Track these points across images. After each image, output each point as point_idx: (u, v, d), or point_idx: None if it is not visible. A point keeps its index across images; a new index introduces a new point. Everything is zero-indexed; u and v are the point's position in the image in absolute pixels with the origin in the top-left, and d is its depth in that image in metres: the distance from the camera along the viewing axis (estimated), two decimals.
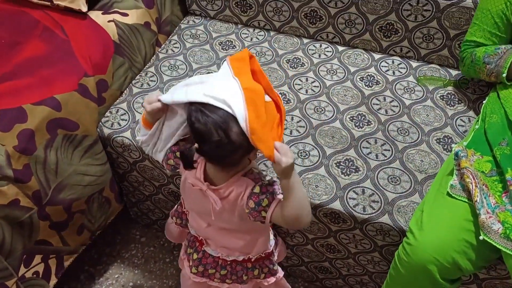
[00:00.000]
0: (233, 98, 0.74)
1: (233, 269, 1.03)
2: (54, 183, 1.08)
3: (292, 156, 0.76)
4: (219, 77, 0.79)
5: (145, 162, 1.21)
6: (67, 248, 1.20)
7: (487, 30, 1.11)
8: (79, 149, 1.14)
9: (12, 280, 1.05)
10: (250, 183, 0.85)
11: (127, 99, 1.28)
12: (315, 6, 1.37)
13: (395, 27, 1.32)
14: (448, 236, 0.88)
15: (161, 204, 1.37)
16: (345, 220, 1.06)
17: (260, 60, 1.39)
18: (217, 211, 0.88)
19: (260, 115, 0.74)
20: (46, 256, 1.14)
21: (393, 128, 1.19)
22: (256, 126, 0.73)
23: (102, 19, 1.29)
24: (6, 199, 0.97)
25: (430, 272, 0.88)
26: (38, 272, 1.13)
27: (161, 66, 1.38)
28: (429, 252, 0.87)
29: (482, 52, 1.10)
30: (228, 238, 0.97)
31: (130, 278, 1.44)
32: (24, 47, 1.17)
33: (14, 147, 0.99)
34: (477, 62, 1.11)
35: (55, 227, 1.13)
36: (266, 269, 1.05)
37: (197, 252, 1.03)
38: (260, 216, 0.84)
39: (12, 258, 1.04)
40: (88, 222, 1.24)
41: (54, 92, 1.09)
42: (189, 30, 1.50)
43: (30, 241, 1.08)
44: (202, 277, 1.05)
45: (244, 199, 0.84)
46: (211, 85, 0.77)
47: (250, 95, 0.74)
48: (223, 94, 0.75)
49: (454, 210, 0.91)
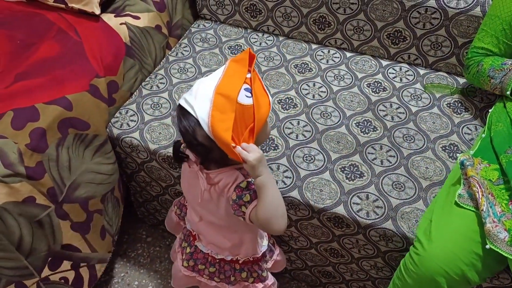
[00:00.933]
0: (202, 103, 0.78)
1: (221, 268, 1.04)
2: (69, 180, 1.10)
3: (259, 151, 0.80)
4: (206, 81, 0.82)
5: (153, 162, 1.23)
6: (96, 255, 1.21)
7: (495, 36, 1.10)
8: (90, 148, 1.16)
9: (32, 280, 1.06)
10: (240, 177, 0.87)
11: (137, 101, 1.30)
12: (324, 12, 1.39)
13: (403, 34, 1.33)
14: (457, 247, 0.87)
15: (168, 204, 1.39)
16: (348, 225, 1.07)
17: (268, 65, 1.41)
18: (204, 197, 0.90)
19: (225, 120, 0.77)
20: (76, 264, 1.15)
21: (398, 134, 1.20)
22: (218, 131, 0.76)
23: (114, 22, 1.32)
24: (21, 196, 0.99)
25: (439, 283, 0.87)
26: (67, 278, 1.14)
27: (171, 68, 1.40)
28: (438, 264, 0.87)
29: (488, 65, 1.10)
30: (216, 235, 0.99)
31: (136, 277, 1.46)
32: (38, 48, 1.20)
33: (26, 145, 1.02)
34: (482, 74, 1.11)
35: (77, 228, 1.14)
36: (255, 273, 1.06)
37: (190, 247, 1.06)
38: (240, 211, 0.86)
39: (34, 258, 1.05)
40: (107, 225, 1.25)
41: (66, 92, 1.12)
42: (199, 34, 1.53)
43: (55, 243, 1.09)
44: (192, 272, 1.08)
45: (231, 190, 0.86)
46: (194, 88, 0.82)
47: (219, 100, 0.77)
48: (194, 99, 0.79)
49: (462, 220, 0.90)
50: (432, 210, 0.97)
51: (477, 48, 1.15)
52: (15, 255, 1.01)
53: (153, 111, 1.27)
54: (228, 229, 0.98)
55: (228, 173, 0.88)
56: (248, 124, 0.81)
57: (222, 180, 0.87)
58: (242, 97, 0.79)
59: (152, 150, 1.19)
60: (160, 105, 1.29)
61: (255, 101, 0.80)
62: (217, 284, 1.09)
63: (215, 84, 0.79)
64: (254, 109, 0.80)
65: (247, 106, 0.80)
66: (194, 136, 0.80)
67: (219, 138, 0.77)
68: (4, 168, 0.97)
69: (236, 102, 0.78)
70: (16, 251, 1.01)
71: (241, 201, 0.85)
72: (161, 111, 1.27)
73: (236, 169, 0.88)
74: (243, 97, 0.79)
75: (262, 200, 0.83)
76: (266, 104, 0.83)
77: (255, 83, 0.82)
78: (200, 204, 0.94)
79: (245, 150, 0.79)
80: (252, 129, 0.81)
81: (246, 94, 0.80)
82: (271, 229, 0.86)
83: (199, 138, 0.80)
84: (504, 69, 1.06)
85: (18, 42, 1.22)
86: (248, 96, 0.80)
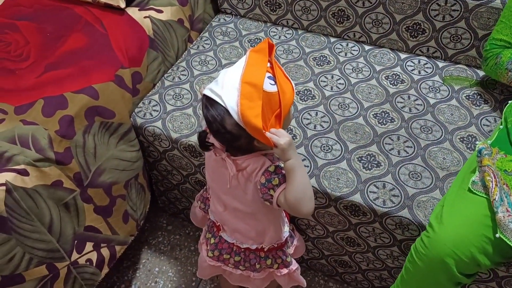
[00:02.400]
0: (229, 92, 0.81)
1: (246, 257, 1.07)
2: (94, 166, 1.15)
3: (288, 135, 0.82)
4: (231, 71, 0.85)
5: (174, 151, 1.27)
6: (116, 238, 1.25)
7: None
8: (114, 136, 1.21)
9: (63, 263, 1.10)
10: (267, 161, 0.89)
11: (159, 91, 1.34)
12: (343, 6, 1.40)
13: (422, 27, 1.33)
14: (468, 230, 0.89)
15: (188, 193, 1.43)
16: (365, 213, 1.08)
17: (287, 58, 1.43)
18: (232, 183, 0.93)
19: (253, 107, 0.79)
20: (97, 245, 1.19)
21: (416, 125, 1.21)
22: (249, 118, 0.79)
23: (138, 15, 1.36)
24: (50, 180, 1.04)
25: (448, 265, 0.89)
26: (91, 260, 1.18)
27: (192, 61, 1.44)
28: (447, 245, 0.89)
29: (507, 58, 1.10)
30: (241, 224, 1.01)
31: (156, 264, 1.51)
32: (67, 40, 1.25)
33: (56, 132, 1.07)
34: (500, 66, 1.11)
35: (100, 212, 1.19)
36: (279, 260, 1.09)
37: (214, 237, 1.09)
38: (268, 194, 0.88)
39: (64, 241, 1.10)
40: (131, 209, 1.29)
41: (93, 81, 1.17)
42: (220, 27, 1.56)
43: (79, 226, 1.14)
44: (217, 261, 1.10)
45: (259, 174, 0.89)
46: (220, 79, 0.84)
47: (246, 89, 0.80)
48: (222, 89, 0.82)
49: (474, 206, 0.92)
50: (445, 197, 0.98)
51: (496, 40, 1.15)
52: (48, 237, 1.05)
53: (175, 101, 1.31)
54: (253, 217, 1.00)
55: (255, 158, 0.90)
56: (274, 110, 0.83)
57: (250, 165, 0.90)
58: (267, 85, 0.82)
59: (174, 138, 1.23)
60: (182, 96, 1.32)
61: (280, 88, 0.83)
62: (242, 272, 1.11)
63: (240, 73, 0.82)
64: (279, 95, 0.83)
65: (273, 93, 0.82)
66: (223, 124, 0.82)
67: (250, 124, 0.79)
68: (36, 153, 1.02)
69: (262, 89, 0.81)
70: (48, 233, 1.06)
71: (270, 184, 0.88)
72: (182, 101, 1.31)
73: (263, 155, 0.91)
74: (268, 85, 0.82)
75: (291, 182, 0.85)
76: (290, 90, 0.86)
77: (277, 71, 0.85)
78: (227, 191, 0.97)
79: (275, 135, 0.82)
80: (278, 115, 0.84)
81: (270, 82, 0.83)
82: (300, 211, 0.88)
83: (227, 126, 0.82)
84: None
85: (48, 35, 1.27)
86: (272, 84, 0.83)
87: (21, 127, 1.04)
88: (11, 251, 0.98)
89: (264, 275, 1.12)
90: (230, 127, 0.83)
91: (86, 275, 1.17)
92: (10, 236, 0.97)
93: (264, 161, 0.89)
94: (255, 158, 0.90)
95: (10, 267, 0.99)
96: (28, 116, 1.06)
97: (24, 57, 1.21)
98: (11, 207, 0.97)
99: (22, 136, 1.03)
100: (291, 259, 1.11)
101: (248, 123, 0.79)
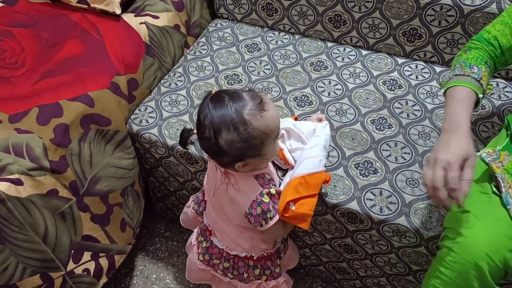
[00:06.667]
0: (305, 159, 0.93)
1: (235, 264, 1.06)
2: (90, 174, 1.14)
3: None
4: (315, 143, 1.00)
5: (171, 158, 1.26)
6: (115, 247, 1.25)
7: (508, 26, 0.98)
8: (111, 143, 1.20)
9: (58, 273, 1.09)
10: (259, 188, 0.88)
11: (155, 98, 1.34)
12: (339, 11, 1.40)
13: (419, 32, 1.33)
14: (500, 234, 0.84)
15: (185, 200, 1.43)
16: (362, 220, 1.08)
17: (284, 63, 1.43)
18: (220, 192, 0.93)
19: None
20: (95, 254, 1.19)
21: (414, 131, 1.20)
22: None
23: (134, 21, 1.36)
24: (44, 189, 1.04)
25: (482, 270, 0.83)
26: (89, 269, 1.17)
27: (189, 67, 1.43)
28: (481, 248, 0.83)
29: (467, 57, 0.98)
30: (230, 230, 1.02)
31: (154, 271, 1.50)
32: (62, 47, 1.25)
33: (51, 140, 1.06)
34: (457, 59, 1.01)
35: (97, 220, 1.18)
36: (268, 271, 1.08)
37: (206, 241, 1.09)
38: (259, 223, 0.89)
39: (59, 251, 1.09)
40: (128, 218, 1.29)
41: (88, 89, 1.16)
42: (217, 32, 1.56)
43: (76, 235, 1.13)
44: (207, 266, 1.10)
45: (254, 206, 0.89)
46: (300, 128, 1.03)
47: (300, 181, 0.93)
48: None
49: (502, 208, 0.88)
50: (455, 209, 0.93)
51: (485, 32, 1.02)
52: (42, 247, 1.05)
53: (171, 108, 1.30)
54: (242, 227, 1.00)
55: (247, 184, 0.89)
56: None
57: (243, 193, 0.89)
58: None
59: (170, 145, 1.22)
60: (178, 102, 1.32)
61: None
62: (230, 280, 1.11)
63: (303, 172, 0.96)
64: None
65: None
66: (216, 135, 0.81)
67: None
68: (30, 162, 1.02)
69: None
70: (42, 243, 1.05)
71: (265, 216, 0.88)
72: (179, 108, 1.30)
73: (254, 177, 0.90)
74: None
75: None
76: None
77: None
78: (216, 197, 0.96)
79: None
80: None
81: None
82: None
83: (220, 140, 0.81)
84: (465, 71, 0.95)
85: (43, 42, 1.27)
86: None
87: (15, 136, 1.03)
88: (5, 261, 0.97)
89: (251, 287, 1.11)
90: (222, 142, 0.81)
91: (83, 285, 1.16)
92: (3, 246, 0.97)
93: (256, 188, 0.88)
94: (248, 182, 0.89)
95: (5, 277, 0.98)
96: (23, 125, 1.06)
97: (19, 64, 1.21)
98: (4, 217, 0.96)
99: (16, 145, 1.02)
100: (280, 271, 1.10)
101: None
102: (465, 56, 0.99)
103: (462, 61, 0.97)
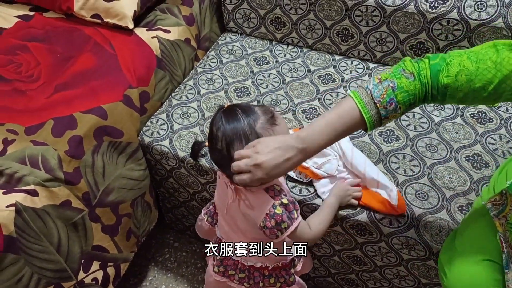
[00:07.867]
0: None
1: (251, 274, 1.07)
2: (103, 185, 1.16)
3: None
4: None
5: (181, 169, 1.28)
6: (121, 256, 1.27)
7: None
8: (123, 155, 1.22)
9: (70, 283, 1.11)
10: (271, 201, 0.87)
11: (167, 110, 1.36)
12: (347, 25, 1.42)
13: (426, 45, 1.35)
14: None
15: (194, 210, 1.44)
16: (371, 232, 1.08)
17: (293, 76, 1.45)
18: (232, 209, 0.93)
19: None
20: (104, 264, 1.20)
21: (421, 144, 1.21)
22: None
23: (146, 35, 1.39)
24: (58, 200, 1.06)
25: None
26: (97, 279, 1.19)
27: (199, 79, 1.46)
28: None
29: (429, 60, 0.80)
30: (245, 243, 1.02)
31: (163, 281, 1.51)
32: (76, 60, 1.28)
33: (65, 152, 1.09)
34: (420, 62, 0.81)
35: (107, 231, 1.20)
36: (282, 279, 1.08)
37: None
38: (274, 235, 0.88)
39: (71, 261, 1.11)
40: (134, 227, 1.31)
41: (101, 102, 1.19)
42: (226, 46, 1.59)
43: (87, 245, 1.15)
44: (223, 277, 1.11)
45: (267, 219, 0.87)
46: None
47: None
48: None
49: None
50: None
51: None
52: (56, 258, 1.07)
53: (182, 120, 1.33)
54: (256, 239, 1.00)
55: (259, 199, 0.88)
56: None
57: (256, 207, 0.88)
58: None
59: (181, 157, 1.24)
60: (189, 115, 1.34)
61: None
62: None
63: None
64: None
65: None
66: (228, 147, 0.82)
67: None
68: (45, 173, 1.04)
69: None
70: (56, 253, 1.07)
71: (279, 227, 0.87)
72: (189, 120, 1.33)
73: (264, 190, 0.89)
74: None
75: (321, 222, 0.98)
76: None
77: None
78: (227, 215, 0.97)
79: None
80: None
81: None
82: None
83: (232, 152, 0.81)
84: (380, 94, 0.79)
85: (58, 55, 1.30)
86: None
87: (31, 148, 1.06)
88: (20, 271, 0.99)
89: None
90: (234, 154, 0.81)
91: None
92: (19, 256, 0.98)
93: (267, 201, 0.87)
94: (260, 199, 0.88)
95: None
96: (38, 137, 1.08)
97: (35, 78, 1.24)
98: (20, 228, 0.98)
99: (32, 156, 1.05)
100: (294, 279, 1.11)
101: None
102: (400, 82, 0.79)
103: (391, 83, 0.79)
